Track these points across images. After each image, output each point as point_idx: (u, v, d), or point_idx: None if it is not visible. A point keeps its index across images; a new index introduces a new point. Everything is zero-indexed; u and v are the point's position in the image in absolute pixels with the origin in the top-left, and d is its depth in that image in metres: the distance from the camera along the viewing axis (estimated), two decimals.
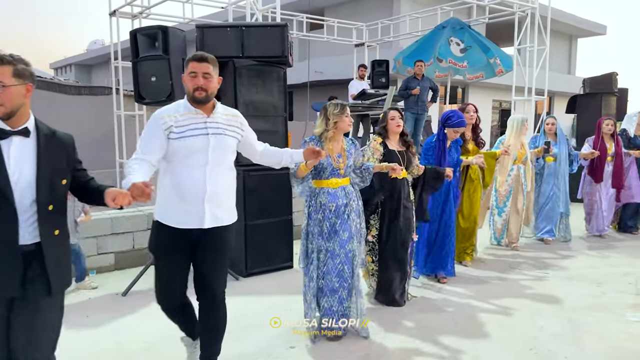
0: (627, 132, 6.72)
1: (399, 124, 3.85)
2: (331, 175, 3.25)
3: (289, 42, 4.93)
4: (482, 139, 5.08)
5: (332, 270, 3.26)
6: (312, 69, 16.80)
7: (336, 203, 3.25)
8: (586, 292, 4.35)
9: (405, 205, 3.86)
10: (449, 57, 9.61)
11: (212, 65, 2.53)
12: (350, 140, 3.39)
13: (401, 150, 3.89)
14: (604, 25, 22.26)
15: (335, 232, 3.25)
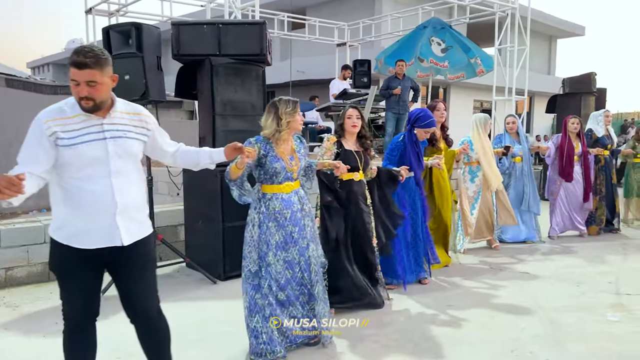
0: (593, 132, 6.62)
1: (355, 123, 3.63)
2: (285, 179, 2.99)
3: (267, 40, 4.84)
4: (450, 138, 4.97)
5: (294, 279, 3.03)
6: (294, 68, 16.73)
7: (291, 209, 3.00)
8: (566, 292, 4.33)
9: (363, 208, 3.69)
10: (430, 57, 9.61)
11: (97, 69, 2.07)
12: (297, 138, 3.15)
13: (358, 150, 3.69)
14: (583, 26, 22.58)
15: (294, 241, 3.02)
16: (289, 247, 3.01)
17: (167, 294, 4.19)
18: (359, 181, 3.64)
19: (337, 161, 3.33)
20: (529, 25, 9.80)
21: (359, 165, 3.59)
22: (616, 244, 6.07)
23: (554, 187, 6.33)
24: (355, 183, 3.61)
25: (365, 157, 3.68)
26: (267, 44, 4.78)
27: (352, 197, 3.61)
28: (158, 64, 4.51)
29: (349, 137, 3.69)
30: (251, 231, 2.99)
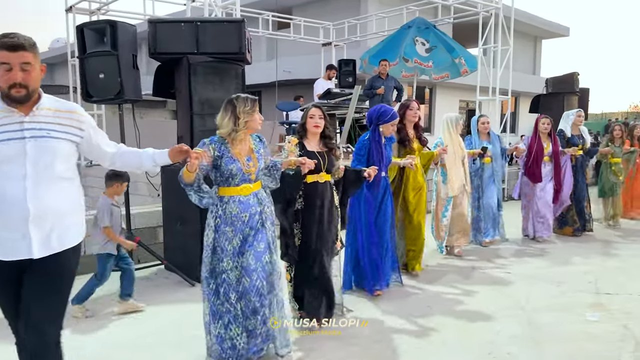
0: (564, 132, 6.50)
1: (317, 123, 3.42)
2: (242, 181, 2.81)
3: (247, 38, 4.77)
4: (424, 137, 4.82)
5: (251, 288, 2.81)
6: (280, 68, 16.68)
7: (249, 212, 2.82)
8: (546, 292, 4.32)
9: (330, 211, 3.50)
10: (415, 56, 9.60)
11: (32, 51, 1.98)
12: (257, 137, 2.98)
13: (322, 151, 3.48)
14: (567, 27, 22.77)
15: (250, 245, 2.83)
16: (246, 252, 2.83)
17: (145, 297, 4.13)
18: (324, 183, 3.45)
19: (303, 157, 3.18)
20: (513, 25, 9.82)
21: (322, 166, 3.41)
22: (596, 244, 6.08)
23: (527, 189, 6.21)
24: (320, 185, 3.43)
25: (329, 158, 3.48)
26: (246, 42, 4.71)
27: (317, 199, 3.43)
28: (134, 62, 4.43)
29: (311, 138, 3.49)
30: (208, 235, 2.84)
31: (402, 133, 4.58)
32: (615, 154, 7.13)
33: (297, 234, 3.43)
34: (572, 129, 6.43)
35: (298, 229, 3.44)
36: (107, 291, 4.26)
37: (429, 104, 19.88)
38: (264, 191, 2.97)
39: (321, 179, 3.42)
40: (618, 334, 3.42)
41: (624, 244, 6.01)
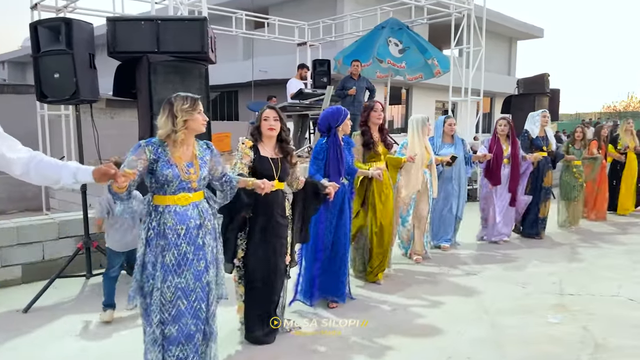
0: (529, 133, 6.31)
1: (272, 126, 3.18)
2: (179, 189, 2.53)
3: (210, 37, 4.67)
4: (390, 140, 4.67)
5: (187, 311, 2.53)
6: (256, 67, 16.57)
7: (187, 225, 2.53)
8: (511, 293, 4.32)
9: (280, 222, 3.25)
10: (388, 57, 9.59)
11: None
12: (205, 144, 2.74)
13: (276, 157, 3.25)
14: (541, 28, 23.10)
15: (188, 263, 2.53)
16: (183, 270, 2.52)
17: None
18: (275, 191, 3.16)
19: (262, 181, 2.94)
20: (485, 26, 9.88)
21: (274, 174, 3.19)
22: (560, 246, 6.09)
23: (487, 192, 6.10)
24: (272, 194, 3.14)
25: (283, 165, 3.24)
26: (209, 41, 4.61)
27: (267, 210, 3.19)
28: (91, 61, 4.29)
29: (266, 142, 3.26)
30: (140, 250, 2.54)
31: (366, 136, 4.40)
32: (576, 156, 7.02)
33: (240, 244, 3.21)
34: (539, 130, 6.28)
35: (243, 239, 3.21)
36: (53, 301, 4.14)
37: (405, 104, 19.97)
38: (206, 202, 2.70)
39: (273, 186, 3.13)
40: (578, 335, 3.42)
41: (586, 246, 6.00)
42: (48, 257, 4.88)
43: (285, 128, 3.28)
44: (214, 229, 2.71)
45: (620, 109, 39.11)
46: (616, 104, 41.99)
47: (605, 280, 4.64)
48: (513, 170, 5.96)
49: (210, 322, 2.66)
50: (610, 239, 6.37)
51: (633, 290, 4.32)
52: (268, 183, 2.94)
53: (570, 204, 7.02)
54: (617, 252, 5.67)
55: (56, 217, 5.13)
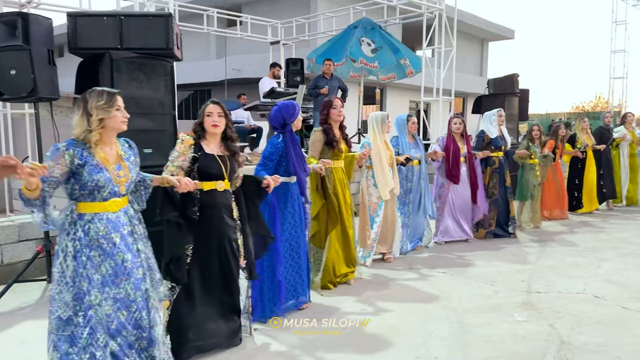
0: (486, 133, 6.26)
1: (216, 122, 2.98)
2: (110, 195, 2.36)
3: (176, 33, 4.55)
4: (349, 139, 4.53)
5: (128, 321, 2.40)
6: (230, 66, 16.40)
7: (121, 232, 2.39)
8: (480, 291, 4.34)
9: (228, 223, 3.05)
10: (360, 57, 9.59)
11: None
12: (125, 142, 2.57)
13: (223, 155, 3.06)
14: (512, 30, 23.48)
15: (127, 273, 2.39)
16: (121, 280, 2.38)
17: None
18: (223, 191, 3.01)
19: (179, 177, 2.70)
20: (456, 26, 9.96)
21: (224, 172, 3.00)
22: (525, 245, 6.15)
23: (442, 191, 6.05)
24: (218, 194, 3.00)
25: (231, 163, 3.07)
26: (175, 37, 4.50)
27: (215, 211, 2.99)
28: (50, 57, 4.14)
29: (211, 139, 3.06)
30: (62, 265, 2.31)
31: (329, 134, 4.31)
32: (534, 155, 6.95)
33: (187, 249, 2.97)
34: (497, 130, 6.26)
35: (189, 245, 2.98)
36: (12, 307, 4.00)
37: (379, 104, 20.04)
38: (132, 208, 2.55)
39: (220, 186, 3.00)
40: (544, 333, 3.44)
41: (553, 245, 6.05)
42: (7, 261, 4.71)
43: (230, 124, 3.10)
44: (143, 235, 2.56)
45: (588, 109, 40.09)
46: (584, 105, 43.05)
47: (572, 278, 4.70)
48: (471, 168, 5.98)
49: (155, 330, 2.53)
50: (575, 237, 6.45)
51: (598, 288, 4.39)
52: (185, 181, 2.68)
53: (531, 203, 6.98)
54: (583, 250, 5.76)
55: (16, 219, 4.96)
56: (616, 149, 8.53)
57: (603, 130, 8.38)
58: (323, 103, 4.47)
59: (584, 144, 7.90)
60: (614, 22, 15.82)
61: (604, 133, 8.32)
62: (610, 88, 16.14)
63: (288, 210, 3.80)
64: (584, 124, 8.06)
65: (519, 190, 7.02)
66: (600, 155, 8.10)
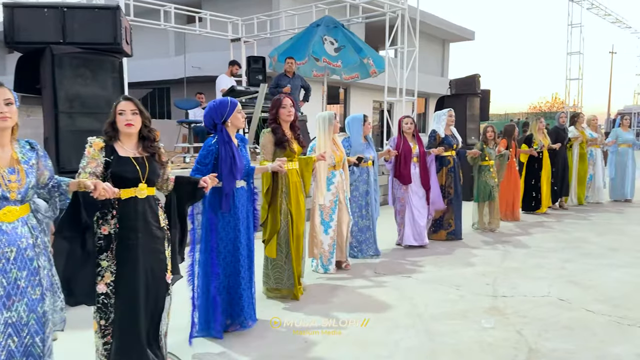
0: (436, 132, 6.23)
1: (130, 121, 2.62)
2: (3, 203, 2.07)
3: (124, 27, 4.27)
4: (302, 139, 4.26)
5: (18, 349, 2.11)
6: (189, 63, 15.96)
7: (17, 246, 2.10)
8: (445, 296, 4.23)
9: (155, 234, 2.69)
10: (323, 55, 9.43)
11: None
12: (27, 143, 2.27)
13: (141, 156, 2.70)
14: (473, 31, 23.86)
15: (21, 292, 2.11)
16: (14, 301, 2.09)
17: None
18: (145, 198, 2.66)
19: (96, 181, 2.34)
20: (418, 26, 9.96)
21: (140, 176, 2.64)
22: (497, 244, 6.17)
23: (400, 192, 5.85)
24: (139, 201, 2.63)
25: (152, 165, 2.70)
26: (123, 31, 4.22)
27: (136, 221, 2.62)
28: None
29: (125, 140, 2.68)
30: None
31: (278, 133, 4.07)
32: (489, 156, 6.79)
33: (109, 266, 2.58)
34: (445, 130, 6.23)
35: (111, 260, 2.58)
36: None
37: (343, 104, 19.98)
38: (34, 217, 2.25)
39: (141, 193, 2.64)
40: (512, 340, 3.35)
41: (516, 246, 6.03)
42: None
43: (148, 123, 2.75)
44: (46, 247, 2.27)
45: (545, 110, 41.31)
46: (541, 105, 44.38)
47: (536, 280, 4.67)
48: (422, 168, 5.87)
49: (46, 357, 2.22)
50: (536, 238, 6.46)
51: (563, 290, 4.36)
52: (104, 185, 2.32)
53: (489, 204, 6.85)
54: (545, 251, 5.77)
55: None
56: (570, 149, 8.65)
57: (559, 129, 8.44)
58: (272, 102, 4.19)
59: (540, 144, 7.90)
60: (569, 24, 16.26)
61: (559, 132, 8.38)
62: (567, 89, 16.59)
63: (227, 220, 3.42)
64: (540, 124, 8.05)
65: (477, 192, 6.84)
66: (555, 154, 8.15)
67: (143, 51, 19.20)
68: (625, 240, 6.22)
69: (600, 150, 9.07)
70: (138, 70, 18.51)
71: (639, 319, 3.68)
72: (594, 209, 8.61)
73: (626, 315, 3.76)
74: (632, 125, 20.93)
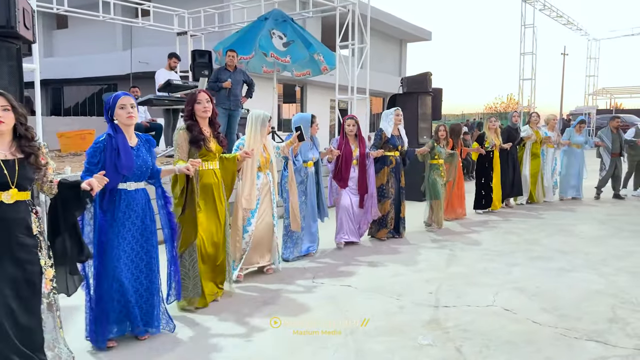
0: (383, 132, 6.05)
1: (3, 118, 2.40)
2: None
3: (22, 8, 3.72)
4: (223, 137, 3.95)
5: None
6: (137, 58, 15.22)
7: None
8: (384, 307, 3.89)
9: (24, 243, 2.42)
10: (271, 50, 9.00)
11: None
12: None
13: (12, 159, 2.42)
14: (430, 31, 23.94)
15: None
16: None
17: None
18: (14, 204, 2.39)
19: None
20: (369, 22, 9.65)
21: (8, 180, 2.37)
22: (445, 244, 5.91)
23: (337, 194, 5.78)
24: (8, 208, 2.38)
25: (22, 168, 2.42)
26: (19, 13, 3.67)
27: (2, 231, 2.36)
28: None
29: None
30: None
31: (194, 131, 3.72)
32: (440, 155, 6.82)
33: None
34: (392, 130, 6.06)
35: None
36: None
37: (300, 102, 19.61)
38: None
39: (7, 198, 2.37)
40: None
41: (462, 248, 5.79)
42: None
43: (23, 120, 2.47)
44: None
45: (500, 110, 42.15)
46: (497, 105, 45.29)
47: (482, 286, 4.40)
48: (361, 170, 5.69)
49: None
50: (485, 239, 6.24)
51: (508, 298, 4.09)
52: None
53: (436, 203, 6.76)
54: (494, 254, 5.53)
55: None
56: (523, 148, 8.56)
57: (511, 129, 8.35)
58: (188, 97, 3.83)
59: (492, 143, 7.82)
60: (522, 25, 16.39)
61: (511, 132, 8.28)
62: (520, 88, 16.73)
63: (120, 223, 3.08)
64: (491, 123, 7.98)
65: (429, 190, 6.79)
66: (507, 153, 8.05)
67: (91, 45, 18.33)
68: (574, 242, 6.07)
69: (553, 149, 8.99)
70: (85, 66, 17.63)
71: (586, 331, 3.43)
72: (544, 207, 8.52)
73: (574, 326, 3.51)
74: None
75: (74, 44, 19.00)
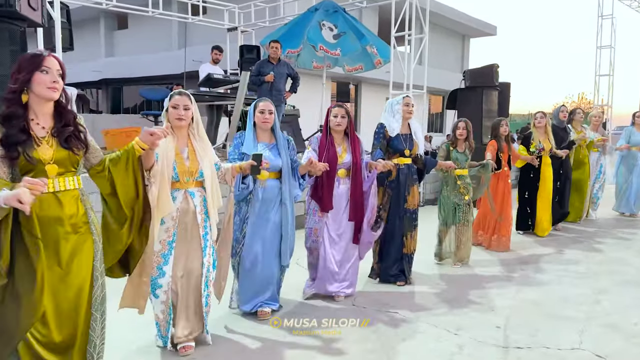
0: (385, 129, 4.18)
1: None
2: None
3: None
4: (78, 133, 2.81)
5: None
6: (190, 57, 15.10)
7: None
8: (445, 349, 3.15)
9: None
10: (320, 42, 8.41)
11: None
12: None
13: None
14: (495, 26, 22.59)
15: None
16: None
17: None
18: None
19: None
20: (428, 12, 8.82)
21: None
22: (495, 271, 5.05)
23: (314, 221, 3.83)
24: None
25: None
26: None
27: None
28: None
29: None
30: None
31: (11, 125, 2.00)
32: (459, 164, 4.79)
33: None
34: (402, 126, 4.18)
35: None
36: None
37: (354, 101, 18.91)
38: None
39: None
40: None
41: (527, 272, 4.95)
42: None
43: None
44: None
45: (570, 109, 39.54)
46: (567, 104, 42.58)
47: (562, 320, 3.56)
48: (355, 186, 3.75)
49: None
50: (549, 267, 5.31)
51: (598, 339, 3.24)
52: None
53: (457, 229, 4.82)
54: (572, 276, 4.63)
55: None
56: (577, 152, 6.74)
57: (557, 129, 6.33)
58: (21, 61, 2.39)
59: (539, 147, 5.94)
60: (600, 16, 14.91)
61: (558, 132, 6.28)
62: (596, 85, 15.23)
63: None
64: (536, 121, 6.08)
65: (440, 212, 4.93)
66: (560, 163, 6.16)
67: (148, 45, 18.50)
68: None
69: (598, 154, 7.09)
70: (144, 65, 17.78)
71: None
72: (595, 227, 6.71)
73: None
74: None
75: (133, 44, 19.29)
